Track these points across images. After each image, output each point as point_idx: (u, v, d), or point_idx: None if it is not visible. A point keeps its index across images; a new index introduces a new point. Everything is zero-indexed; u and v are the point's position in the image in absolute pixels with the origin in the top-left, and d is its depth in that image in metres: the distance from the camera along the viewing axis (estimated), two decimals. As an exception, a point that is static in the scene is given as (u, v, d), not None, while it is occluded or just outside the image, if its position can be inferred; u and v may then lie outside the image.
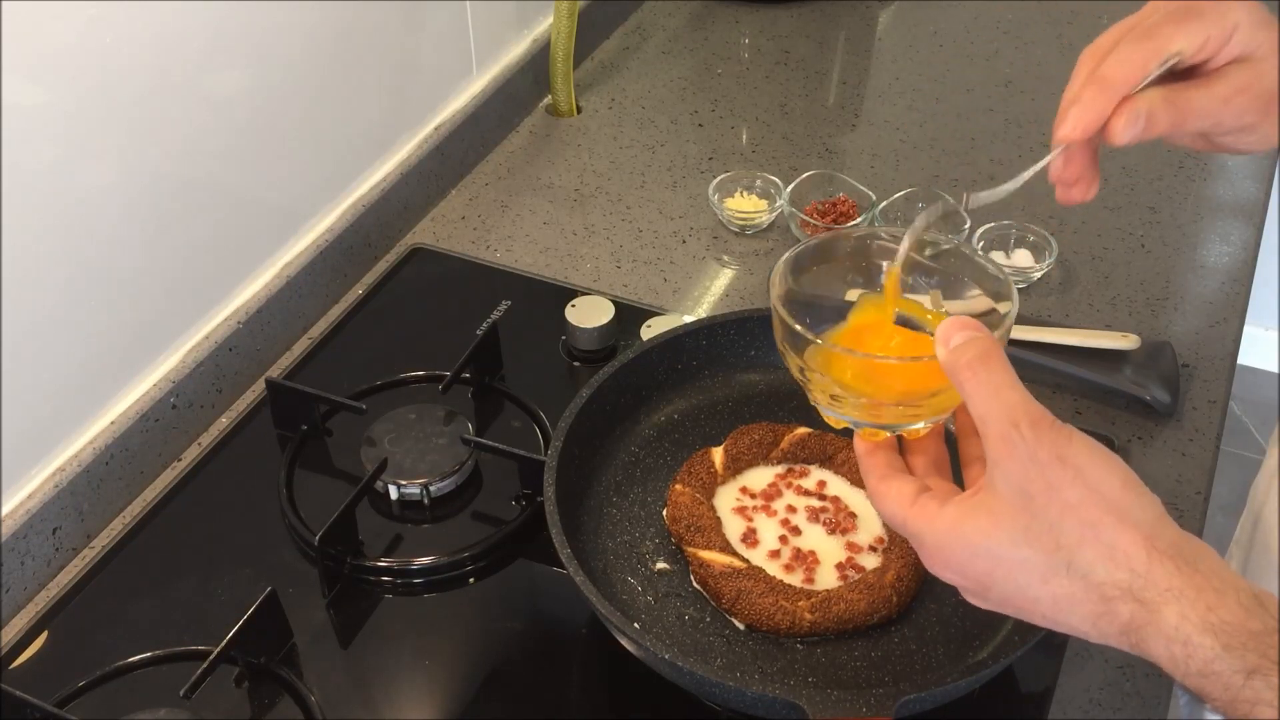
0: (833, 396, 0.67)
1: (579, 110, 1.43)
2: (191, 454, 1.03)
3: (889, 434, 0.67)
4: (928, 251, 0.70)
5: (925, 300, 0.70)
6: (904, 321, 0.69)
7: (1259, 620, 0.53)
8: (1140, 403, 1.04)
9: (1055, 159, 0.69)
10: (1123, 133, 0.66)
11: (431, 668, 0.87)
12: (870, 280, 0.71)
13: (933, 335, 0.61)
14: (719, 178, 1.26)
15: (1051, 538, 0.56)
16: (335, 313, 1.17)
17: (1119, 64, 0.66)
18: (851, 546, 0.87)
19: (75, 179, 0.88)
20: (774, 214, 1.24)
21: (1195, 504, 0.98)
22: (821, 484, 0.92)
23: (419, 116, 1.27)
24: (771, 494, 0.91)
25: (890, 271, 0.68)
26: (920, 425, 0.67)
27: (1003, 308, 0.68)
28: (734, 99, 1.45)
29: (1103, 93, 0.66)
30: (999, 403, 0.57)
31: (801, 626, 0.82)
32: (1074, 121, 0.66)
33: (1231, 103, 0.68)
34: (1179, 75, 0.69)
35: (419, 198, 1.27)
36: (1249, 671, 0.51)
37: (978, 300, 0.70)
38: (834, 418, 0.69)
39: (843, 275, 0.73)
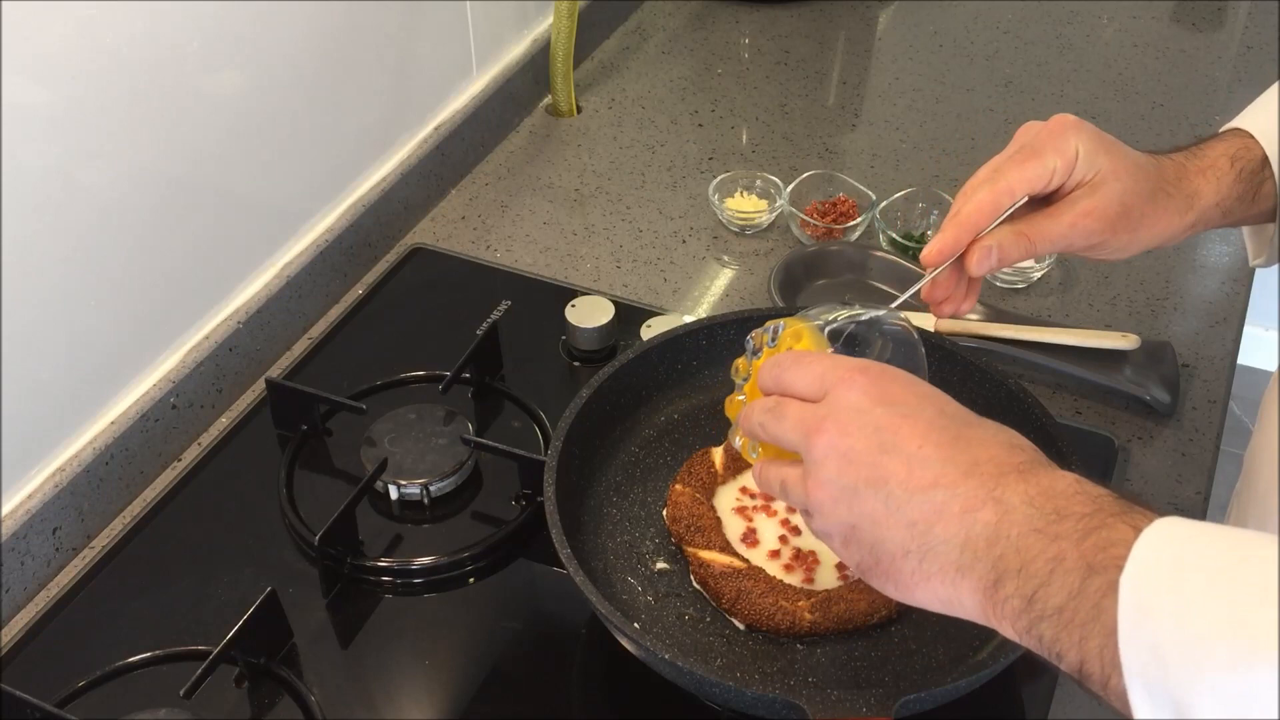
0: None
1: (579, 110, 1.43)
2: (191, 454, 1.03)
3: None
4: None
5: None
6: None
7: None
8: (1140, 403, 1.04)
9: (925, 281, 0.77)
10: (976, 267, 0.75)
11: (431, 668, 0.87)
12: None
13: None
14: (719, 178, 1.26)
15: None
16: (335, 313, 1.17)
17: (973, 207, 0.75)
18: (851, 546, 0.87)
19: (75, 179, 0.88)
20: (774, 214, 1.24)
21: (1195, 504, 0.98)
22: (821, 484, 0.92)
23: (419, 116, 1.27)
24: (771, 494, 0.91)
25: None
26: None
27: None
28: (734, 99, 1.45)
29: (958, 230, 0.75)
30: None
31: (801, 626, 0.82)
32: (931, 250, 0.75)
33: (1078, 226, 0.76)
34: (1042, 199, 0.77)
35: (419, 198, 1.27)
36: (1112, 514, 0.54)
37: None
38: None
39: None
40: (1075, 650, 0.52)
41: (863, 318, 0.74)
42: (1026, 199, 0.76)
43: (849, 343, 0.74)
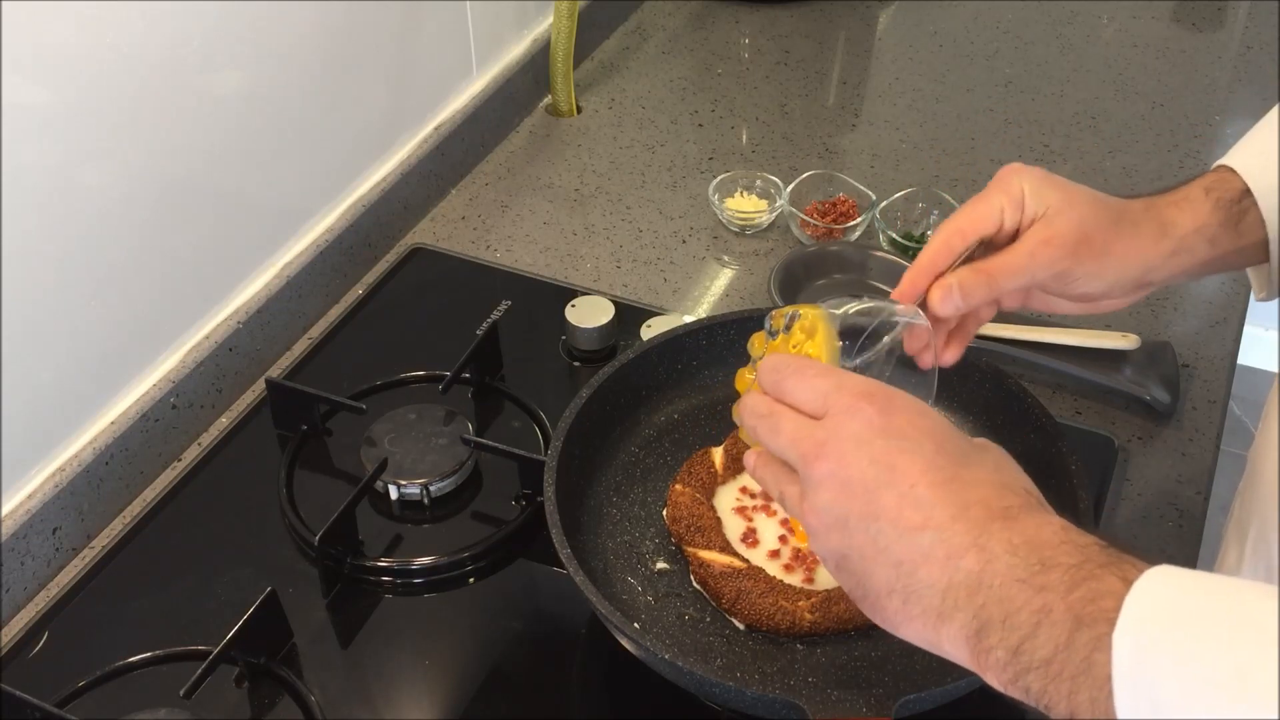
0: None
1: (579, 110, 1.43)
2: (191, 454, 1.03)
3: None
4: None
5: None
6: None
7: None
8: (1140, 403, 1.04)
9: (898, 330, 0.77)
10: (939, 306, 0.76)
11: (431, 668, 0.87)
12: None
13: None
14: (719, 178, 1.26)
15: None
16: (335, 313, 1.17)
17: (927, 253, 0.77)
18: (851, 546, 0.87)
19: (75, 179, 0.88)
20: (774, 214, 1.24)
21: (1195, 504, 0.98)
22: (821, 484, 0.92)
23: (419, 116, 1.27)
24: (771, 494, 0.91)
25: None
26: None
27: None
28: (734, 99, 1.45)
29: (915, 275, 0.77)
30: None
31: (801, 626, 0.82)
32: (897, 291, 0.77)
33: (1037, 255, 0.76)
34: (1003, 244, 0.78)
35: (419, 198, 1.27)
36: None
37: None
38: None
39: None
40: (1065, 703, 0.51)
41: (880, 318, 0.74)
42: (979, 241, 0.77)
43: (861, 341, 0.73)
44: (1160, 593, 0.50)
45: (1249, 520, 0.98)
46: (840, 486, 0.59)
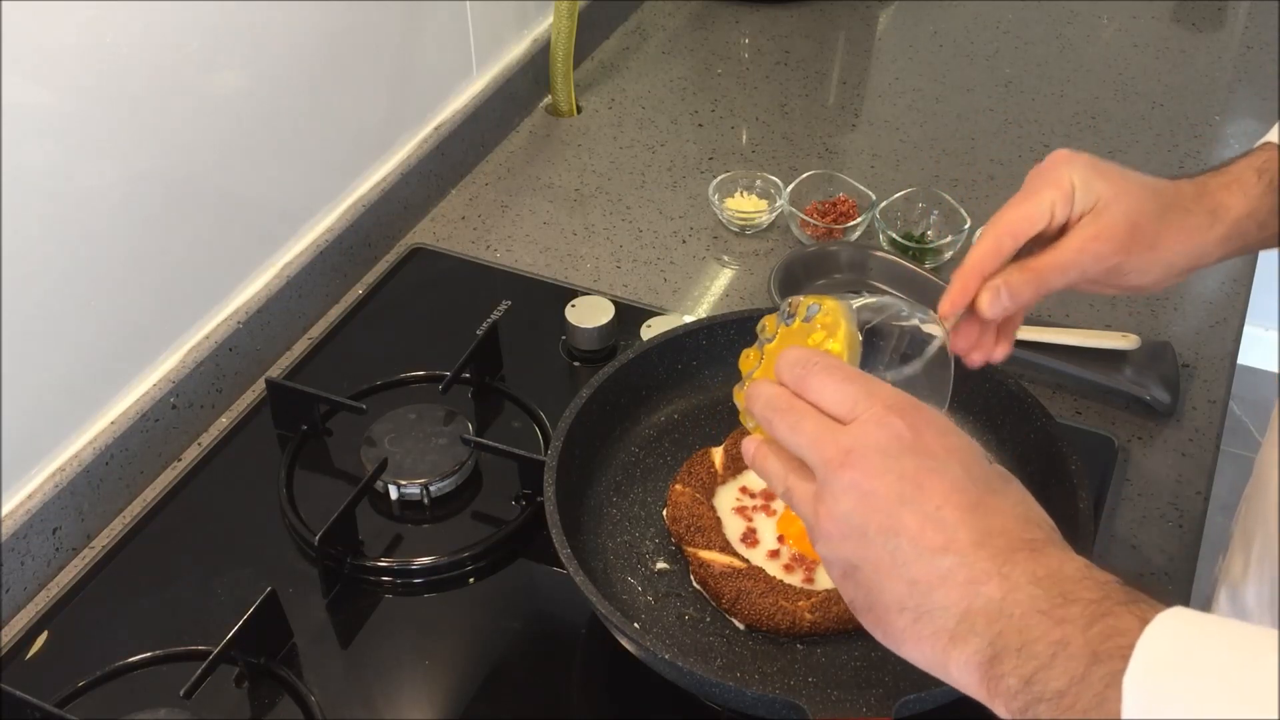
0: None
1: (579, 110, 1.43)
2: (191, 454, 1.03)
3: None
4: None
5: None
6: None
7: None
8: (1140, 403, 1.04)
9: (948, 336, 0.76)
10: (987, 309, 0.75)
11: (431, 668, 0.87)
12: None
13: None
14: (719, 178, 1.26)
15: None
16: (335, 313, 1.17)
17: (975, 255, 0.75)
18: (851, 546, 0.87)
19: (75, 179, 0.88)
20: (774, 214, 1.24)
21: (1195, 504, 0.98)
22: (821, 484, 0.92)
23: (419, 116, 1.27)
24: (771, 494, 0.91)
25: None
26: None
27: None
28: (734, 99, 1.45)
29: (964, 279, 0.76)
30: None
31: (801, 626, 0.82)
32: (943, 304, 0.76)
33: (1086, 251, 0.75)
34: (1053, 237, 0.77)
35: (419, 198, 1.27)
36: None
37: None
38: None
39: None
40: None
41: (904, 322, 0.72)
42: (1030, 238, 0.76)
43: (878, 341, 0.71)
44: (1174, 636, 0.50)
45: (1254, 531, 0.98)
46: (862, 498, 0.58)
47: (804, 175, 1.26)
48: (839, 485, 0.59)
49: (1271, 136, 0.81)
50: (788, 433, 0.62)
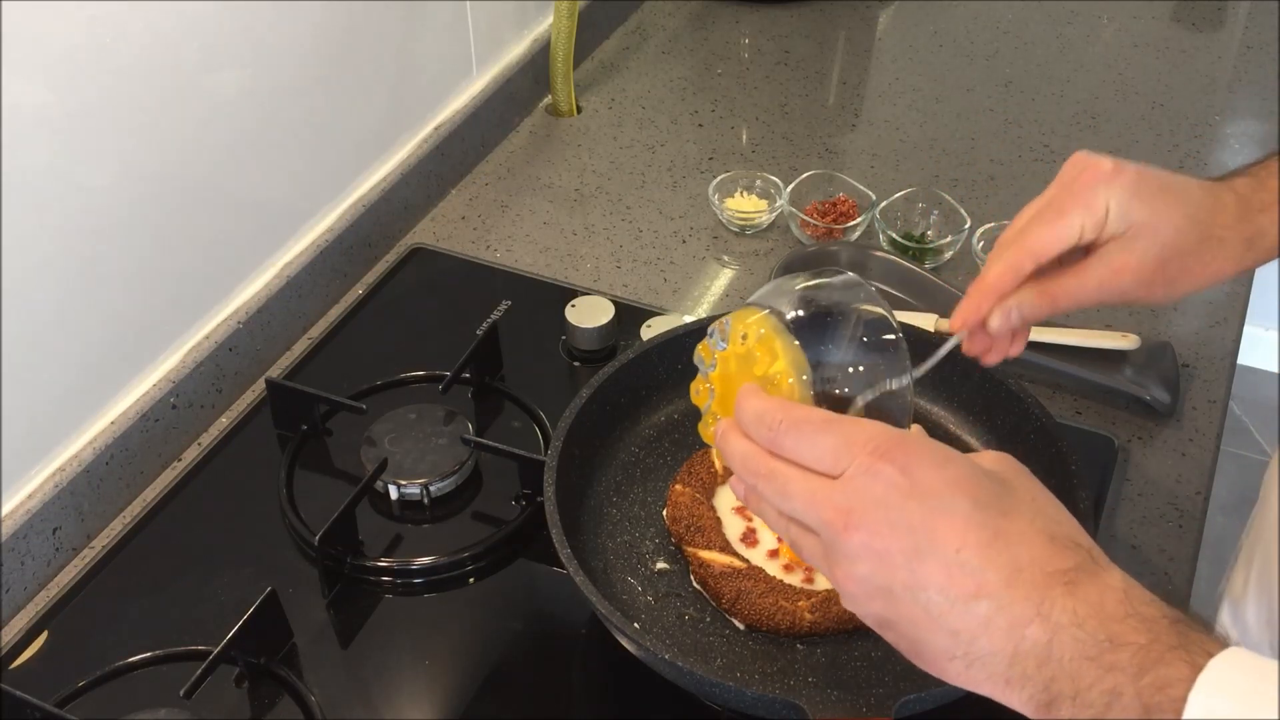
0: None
1: (579, 110, 1.43)
2: (191, 454, 1.03)
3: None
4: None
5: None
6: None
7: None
8: (1140, 403, 1.04)
9: (950, 345, 0.75)
10: (998, 327, 0.74)
11: (431, 668, 0.87)
12: None
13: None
14: (719, 178, 1.26)
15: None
16: (335, 313, 1.17)
17: (994, 274, 0.73)
18: (851, 546, 0.87)
19: (75, 179, 0.88)
20: (774, 214, 1.24)
21: (1195, 504, 0.98)
22: (821, 484, 0.92)
23: (419, 116, 1.27)
24: (771, 494, 0.91)
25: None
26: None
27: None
28: (734, 99, 1.45)
29: (980, 298, 0.74)
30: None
31: (801, 626, 0.82)
32: (955, 318, 0.75)
33: (1107, 285, 0.73)
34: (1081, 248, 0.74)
35: (419, 198, 1.27)
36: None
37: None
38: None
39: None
40: None
41: (826, 298, 0.67)
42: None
43: (818, 326, 0.66)
44: (1228, 688, 0.49)
45: (1256, 548, 0.99)
46: (877, 558, 0.55)
47: (804, 175, 1.26)
48: (849, 549, 0.56)
49: None
50: (777, 499, 0.59)
